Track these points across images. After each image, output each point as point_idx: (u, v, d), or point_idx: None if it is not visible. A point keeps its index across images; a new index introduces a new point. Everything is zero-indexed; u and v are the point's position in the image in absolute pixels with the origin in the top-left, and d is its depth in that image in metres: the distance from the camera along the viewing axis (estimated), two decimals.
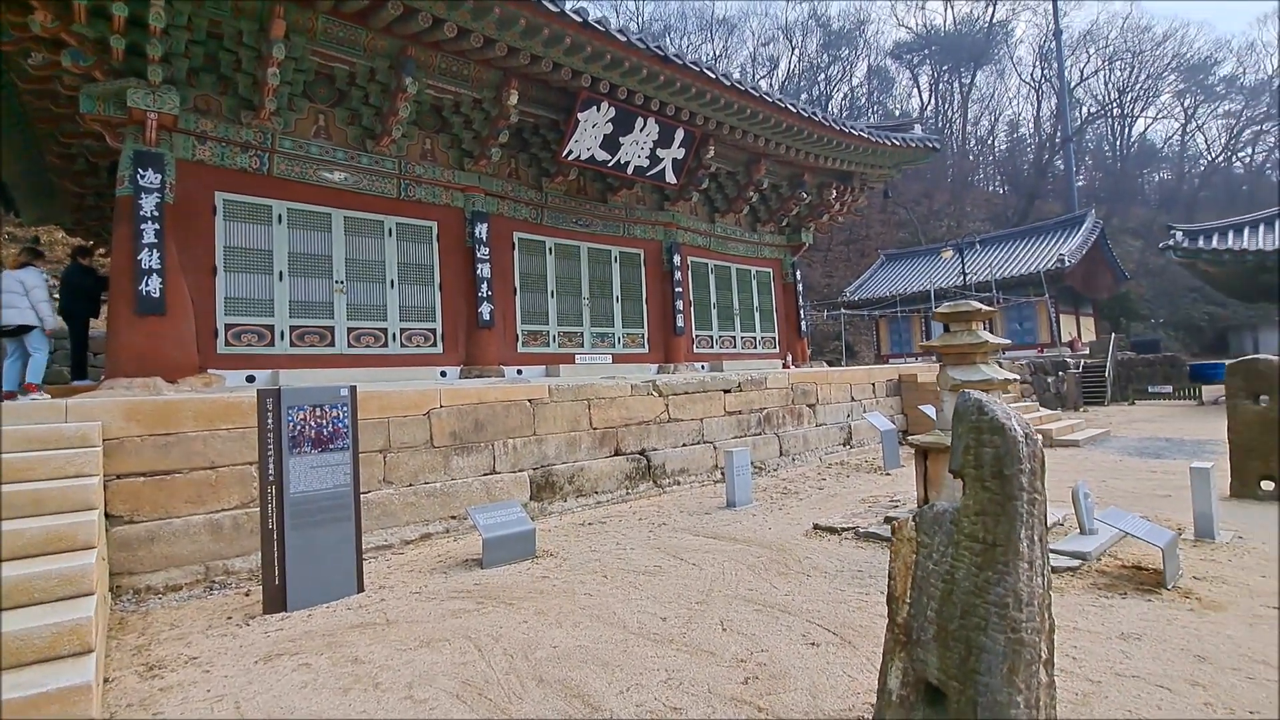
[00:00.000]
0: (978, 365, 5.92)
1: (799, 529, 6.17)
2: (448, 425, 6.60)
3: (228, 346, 7.52)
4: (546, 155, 10.14)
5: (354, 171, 8.60)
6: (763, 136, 11.29)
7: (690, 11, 50.65)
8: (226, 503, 5.31)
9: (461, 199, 9.55)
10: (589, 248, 11.11)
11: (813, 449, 10.45)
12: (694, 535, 6.09)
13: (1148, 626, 3.66)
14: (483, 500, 6.61)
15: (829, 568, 4.97)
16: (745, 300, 13.79)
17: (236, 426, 5.41)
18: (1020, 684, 2.32)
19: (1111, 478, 8.28)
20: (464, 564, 5.37)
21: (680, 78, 9.24)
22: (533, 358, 10.13)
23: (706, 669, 3.28)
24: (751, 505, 7.26)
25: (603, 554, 5.56)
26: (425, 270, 9.17)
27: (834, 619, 3.91)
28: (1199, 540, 5.30)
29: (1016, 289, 23.58)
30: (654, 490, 8.17)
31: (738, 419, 9.49)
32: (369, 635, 3.88)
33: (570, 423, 7.60)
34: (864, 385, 11.95)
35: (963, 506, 2.56)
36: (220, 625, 4.17)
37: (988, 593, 2.44)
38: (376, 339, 8.65)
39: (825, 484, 8.46)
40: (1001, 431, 2.49)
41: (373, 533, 5.89)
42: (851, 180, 14.05)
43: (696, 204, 12.89)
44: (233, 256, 7.63)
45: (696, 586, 4.61)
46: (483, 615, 4.14)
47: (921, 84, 50.13)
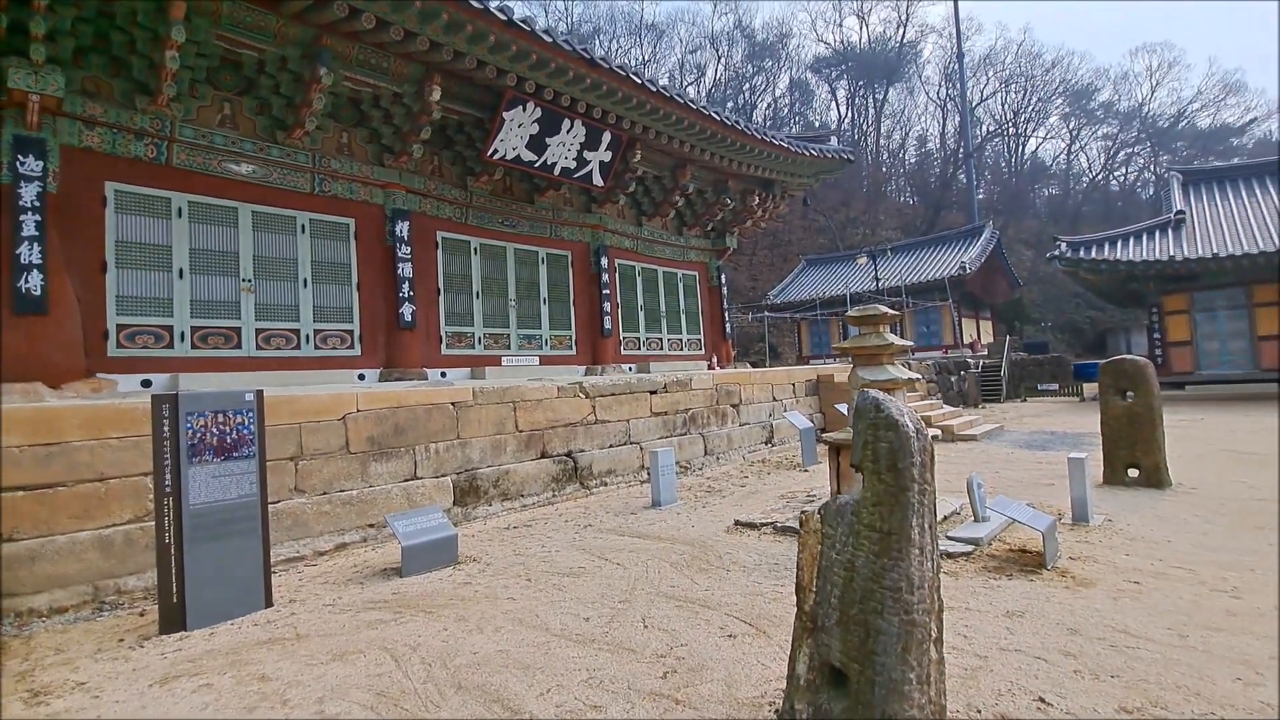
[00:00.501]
0: (884, 366, 6.29)
1: (721, 526, 6.35)
2: (365, 430, 6.39)
3: (120, 349, 6.99)
4: (471, 154, 9.97)
5: (263, 164, 8.18)
6: (689, 142, 11.53)
7: (620, 15, 51.00)
8: (118, 517, 4.93)
9: (381, 196, 9.25)
10: (515, 248, 11.00)
11: (736, 448, 10.75)
12: (619, 535, 6.16)
13: (1029, 604, 4.01)
14: (404, 507, 6.43)
15: (748, 562, 5.15)
16: (672, 303, 14.02)
17: (129, 435, 5.04)
18: (913, 662, 2.51)
19: (1004, 469, 8.97)
20: (382, 573, 5.22)
21: (607, 81, 9.31)
22: (457, 360, 9.93)
23: (627, 666, 3.35)
24: (676, 504, 7.41)
25: (527, 557, 5.53)
26: (342, 269, 8.83)
27: (750, 611, 4.06)
28: (1075, 524, 5.84)
29: (924, 294, 25.08)
30: (581, 492, 8.19)
31: (664, 419, 9.64)
32: (277, 651, 3.72)
33: (495, 425, 7.51)
34: (785, 385, 12.40)
35: (862, 498, 2.74)
36: (111, 648, 3.88)
37: (884, 578, 2.62)
38: (288, 341, 8.25)
39: (747, 481, 8.73)
40: (895, 427, 2.69)
41: (283, 544, 5.63)
42: (773, 188, 14.55)
43: (624, 207, 13.00)
44: (126, 252, 7.10)
45: (620, 586, 4.68)
46: (400, 625, 4.05)
47: (839, 98, 52.51)
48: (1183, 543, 5.19)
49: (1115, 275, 19.77)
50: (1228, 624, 3.60)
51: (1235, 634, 3.46)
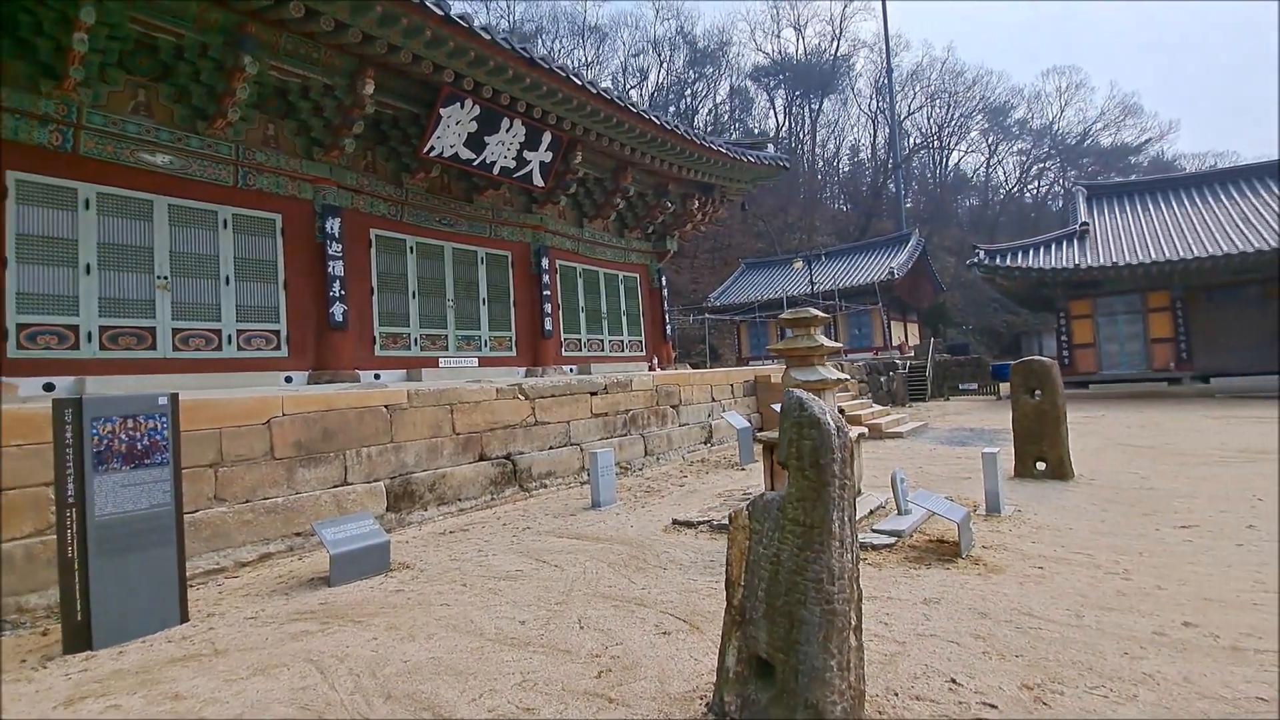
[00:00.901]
0: (815, 367, 6.52)
1: (659, 525, 6.44)
2: (292, 435, 6.14)
3: (21, 350, 6.49)
4: (407, 150, 9.73)
5: (182, 155, 7.75)
6: (630, 145, 11.61)
7: (563, 15, 50.59)
8: (17, 531, 4.57)
9: (310, 191, 8.91)
10: (454, 248, 10.80)
11: (676, 448, 10.89)
12: (558, 537, 6.15)
13: (945, 591, 4.26)
14: (332, 514, 6.22)
15: (684, 560, 5.24)
16: (613, 304, 14.07)
17: (30, 443, 4.68)
18: (834, 649, 2.63)
19: (927, 464, 9.44)
20: (309, 583, 5.03)
21: (547, 81, 9.28)
22: (392, 361, 9.67)
23: (562, 667, 3.36)
24: (615, 505, 7.45)
25: (463, 562, 5.46)
26: (268, 266, 8.46)
27: (685, 608, 4.15)
28: (989, 515, 6.22)
29: (856, 297, 26.07)
30: (520, 494, 8.12)
31: (604, 420, 9.67)
32: (193, 668, 3.55)
33: (432, 428, 7.36)
34: (724, 386, 12.64)
35: (787, 494, 2.85)
36: (12, 670, 3.60)
37: (807, 570, 2.73)
38: (209, 341, 7.85)
39: (686, 481, 8.87)
40: (818, 425, 2.81)
41: (202, 556, 5.35)
42: (713, 192, 14.82)
43: (565, 208, 12.97)
44: (28, 246, 6.60)
45: (557, 588, 4.68)
46: (327, 635, 3.93)
47: (777, 106, 53.87)
48: (1083, 530, 5.61)
49: (1027, 282, 21.10)
50: (1118, 604, 3.92)
51: (1124, 613, 3.78)
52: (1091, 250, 20.60)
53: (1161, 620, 3.65)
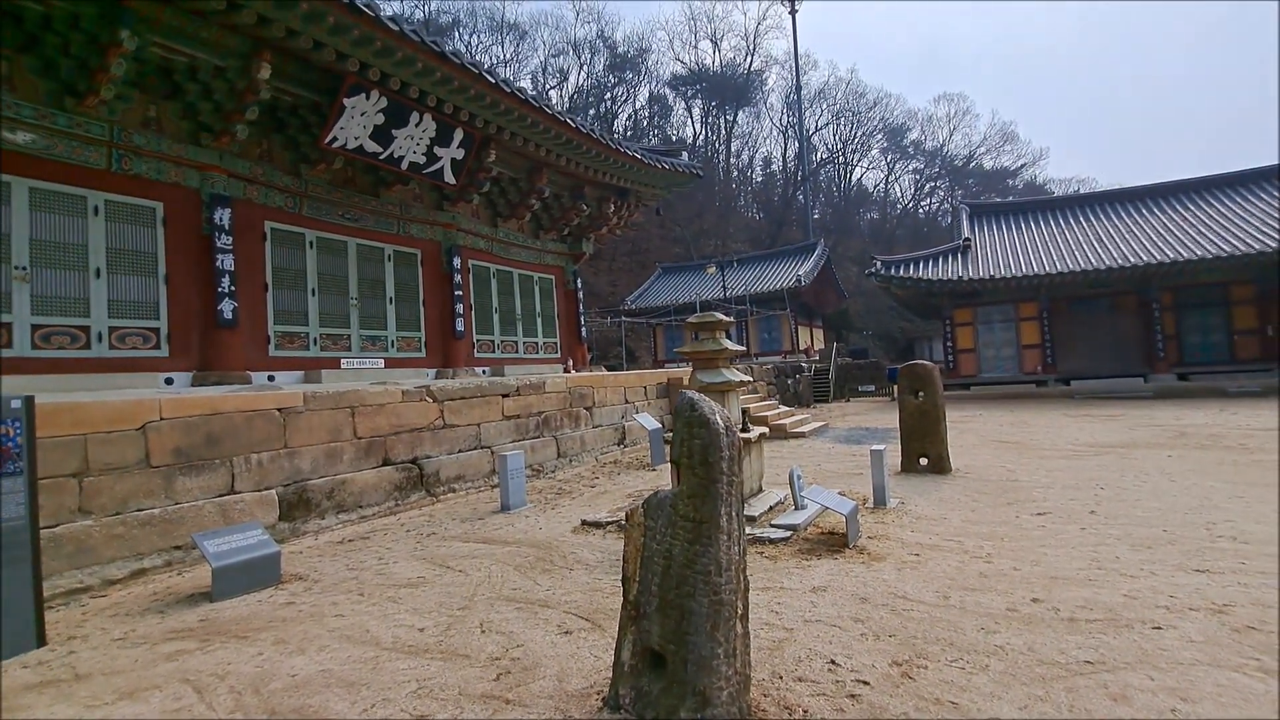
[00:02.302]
0: (720, 369, 6.77)
1: (568, 526, 6.47)
2: (171, 441, 5.72)
3: None
4: (307, 140, 9.27)
5: (47, 134, 7.06)
6: (545, 146, 11.57)
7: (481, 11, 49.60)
8: None
9: (197, 178, 8.32)
10: (359, 244, 10.37)
11: (589, 450, 10.95)
12: (464, 542, 6.06)
13: (831, 580, 4.55)
14: (217, 525, 5.83)
15: (591, 560, 5.31)
16: (528, 305, 13.95)
17: None
18: (720, 638, 2.78)
19: (825, 461, 9.99)
20: (189, 599, 4.71)
21: (459, 77, 9.11)
22: (289, 362, 9.17)
23: (460, 672, 3.35)
24: (526, 507, 7.42)
25: (362, 571, 5.27)
26: (146, 259, 7.82)
27: (589, 607, 4.21)
28: (875, 508, 6.67)
29: (767, 303, 27.10)
30: (427, 500, 7.92)
31: (516, 423, 9.59)
32: (50, 695, 3.26)
33: (330, 433, 7.05)
34: (637, 388, 12.82)
35: (680, 491, 2.98)
36: None
37: (696, 563, 2.87)
38: (74, 339, 7.16)
39: (598, 482, 8.94)
40: (707, 425, 2.96)
41: (64, 574, 4.88)
42: (629, 196, 15.00)
43: (479, 207, 12.74)
44: None
45: (460, 593, 4.62)
46: (207, 654, 3.71)
47: (695, 115, 55.11)
48: (955, 519, 6.14)
49: (917, 291, 22.72)
50: (980, 584, 4.34)
51: (984, 592, 4.18)
52: (973, 263, 22.44)
53: (1014, 598, 4.07)
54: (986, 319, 22.84)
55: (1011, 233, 24.63)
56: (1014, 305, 22.30)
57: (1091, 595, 4.06)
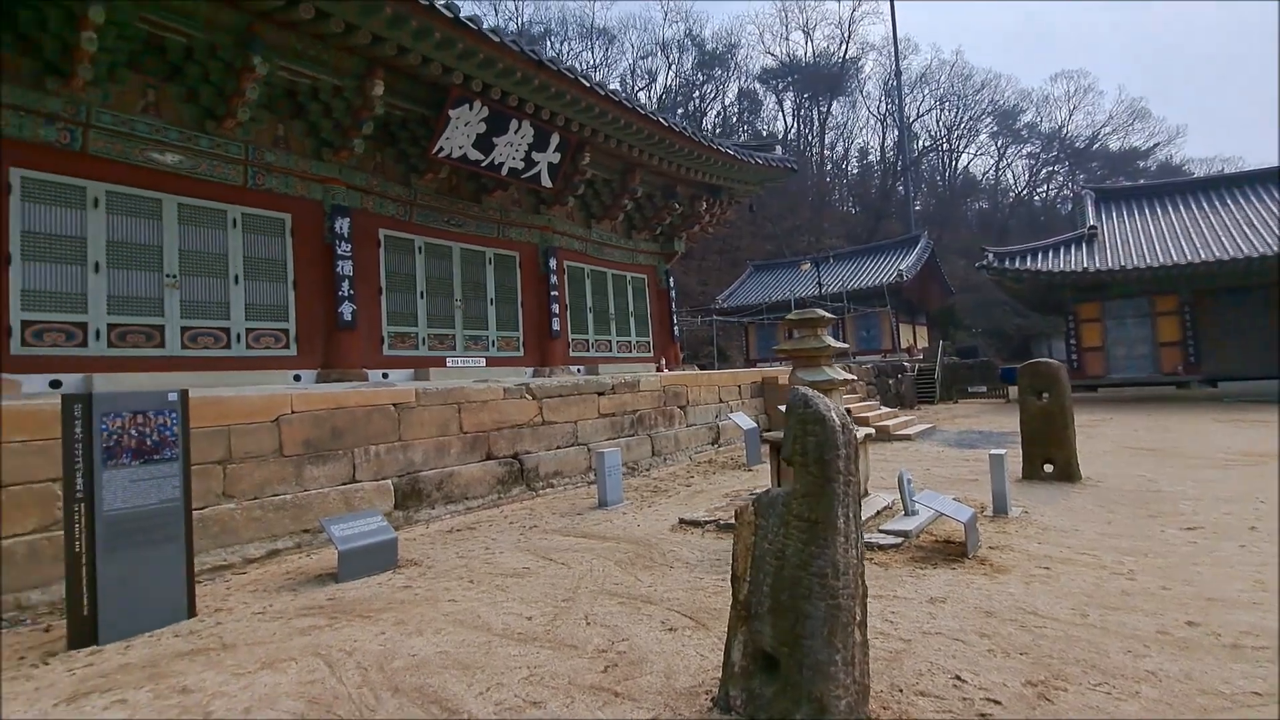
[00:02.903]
0: (822, 367, 6.51)
1: (666, 525, 6.44)
2: (301, 433, 6.18)
3: (26, 347, 6.55)
4: (416, 151, 9.79)
5: (191, 154, 7.82)
6: (637, 147, 11.63)
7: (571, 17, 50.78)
8: (21, 527, 4.62)
9: (320, 191, 8.98)
10: (462, 248, 10.84)
11: (683, 448, 10.89)
12: (565, 536, 6.16)
13: (950, 590, 4.24)
14: (340, 511, 6.25)
15: (691, 559, 5.24)
16: (621, 305, 14.09)
17: (36, 439, 4.73)
18: (838, 644, 2.63)
19: (934, 466, 9.40)
20: (317, 579, 5.06)
21: (555, 83, 9.32)
22: (400, 361, 9.71)
23: (568, 662, 3.37)
24: (623, 504, 7.46)
25: (471, 559, 5.47)
26: (277, 266, 8.52)
27: (691, 605, 4.15)
28: (996, 516, 6.18)
29: (865, 299, 26.00)
30: (527, 494, 8.14)
31: (611, 421, 9.68)
32: (201, 662, 3.57)
33: (439, 428, 7.39)
34: (731, 387, 12.63)
35: (793, 490, 2.86)
36: (10, 668, 3.63)
37: (811, 565, 2.73)
38: (217, 340, 7.90)
39: (694, 481, 8.86)
40: (822, 422, 2.81)
41: (210, 552, 5.39)
42: (721, 194, 14.83)
43: (573, 209, 13.00)
44: (34, 243, 6.66)
45: (564, 585, 4.69)
46: (335, 630, 3.95)
47: (786, 108, 53.86)
48: (1089, 531, 5.57)
49: (1036, 284, 21.00)
50: (1122, 603, 3.90)
51: (1128, 612, 3.75)
52: (1100, 253, 20.49)
53: (1165, 620, 3.62)
54: (1116, 314, 20.77)
55: (1144, 219, 22.29)
56: (1149, 299, 20.14)
57: (1257, 621, 3.55)
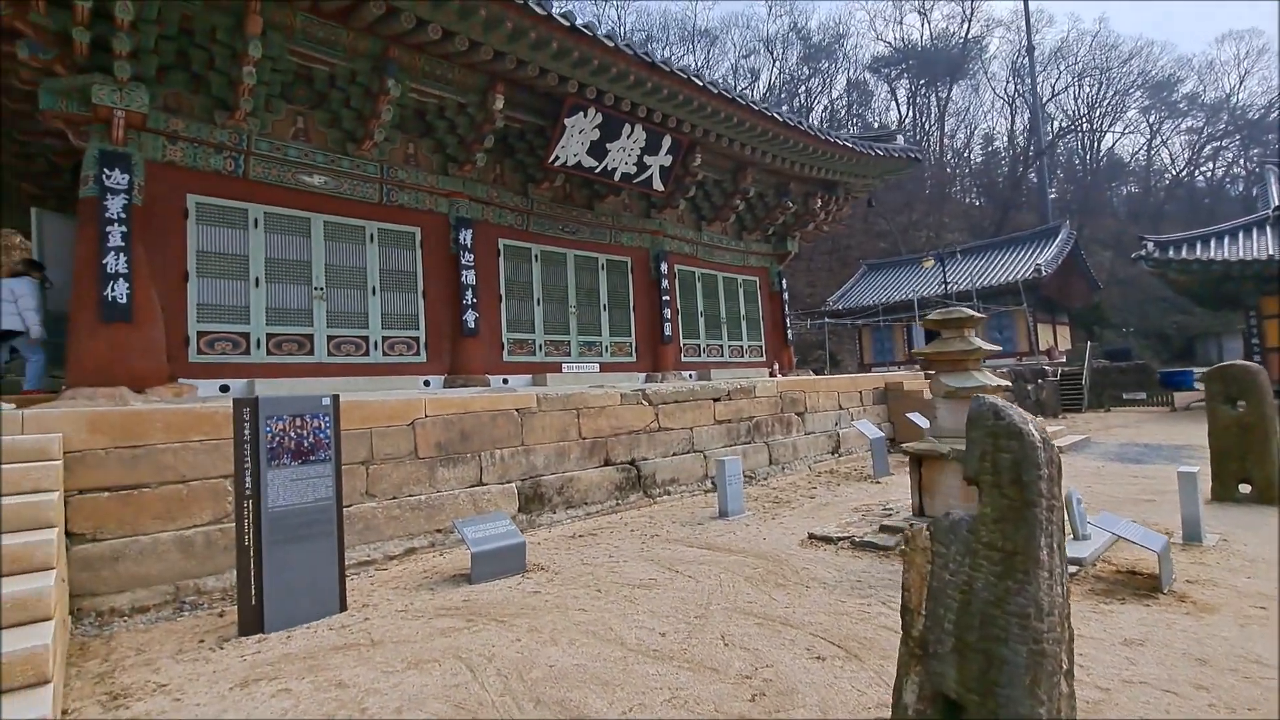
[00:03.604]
0: (970, 372, 5.90)
1: (794, 539, 6.08)
2: (433, 436, 6.41)
3: (200, 355, 7.25)
4: (532, 161, 10.02)
5: (334, 175, 8.40)
6: (749, 145, 11.30)
7: (672, 22, 51.12)
8: (198, 519, 5.06)
9: (446, 204, 9.39)
10: (576, 255, 10.99)
11: (801, 457, 10.39)
12: (688, 546, 5.96)
13: (1149, 631, 3.62)
14: (469, 513, 6.42)
15: (827, 578, 4.87)
16: (732, 309, 13.76)
17: (210, 438, 5.18)
18: (1043, 695, 2.24)
19: (1095, 483, 8.33)
20: (451, 579, 5.18)
21: (667, 84, 9.20)
22: (519, 366, 9.96)
23: (711, 686, 3.16)
24: (744, 515, 7.16)
25: (595, 567, 5.40)
26: (408, 277, 8.98)
27: (837, 631, 3.80)
28: (1187, 544, 5.31)
29: (996, 298, 23.92)
30: (644, 500, 8.03)
31: (727, 427, 9.40)
32: (353, 657, 3.69)
33: (559, 432, 7.44)
34: (851, 393, 11.95)
35: (980, 514, 2.48)
36: (191, 649, 3.94)
37: (1008, 603, 2.35)
38: (358, 347, 8.42)
39: (817, 493, 8.39)
40: (1019, 436, 2.42)
41: (355, 548, 5.67)
42: (836, 190, 14.13)
43: (683, 212, 12.85)
44: (206, 261, 7.38)
45: (694, 600, 4.48)
46: (473, 634, 3.97)
47: (899, 97, 50.99)
48: None
49: (1208, 276, 18.36)
50: None
51: None
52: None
53: None
54: None
55: None
56: None
57: None
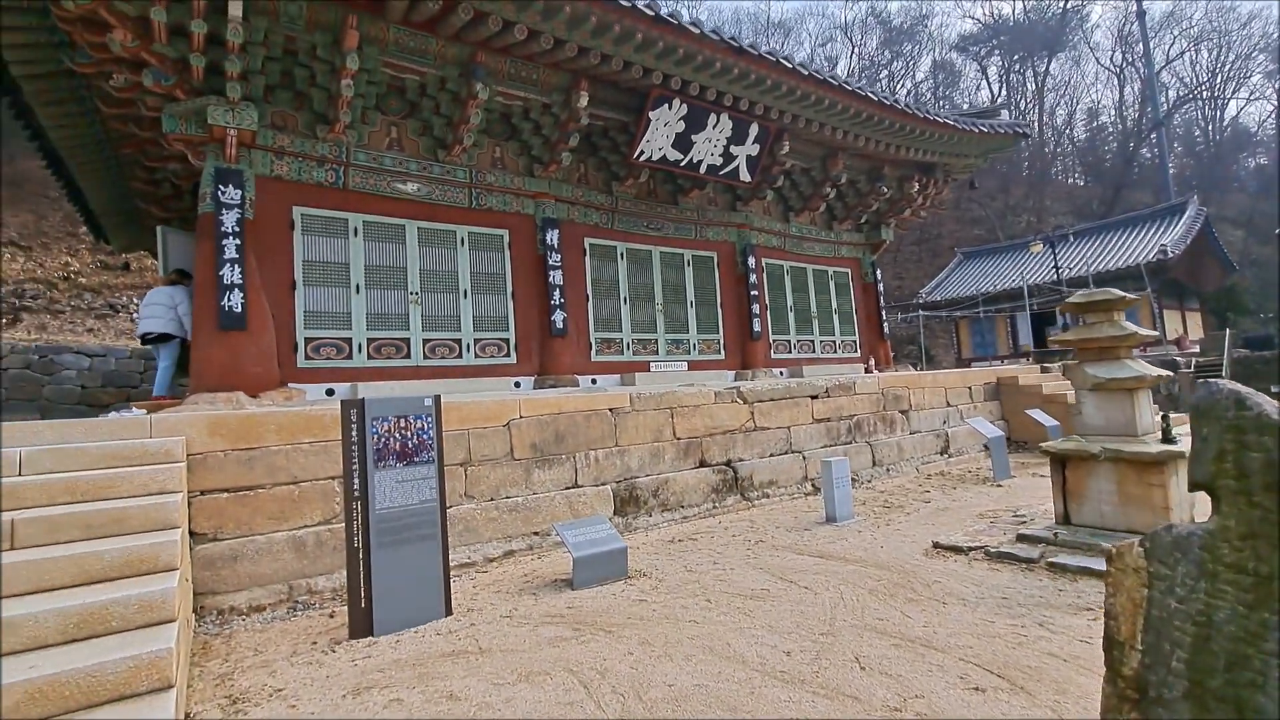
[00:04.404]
0: (1123, 360, 5.19)
1: (916, 548, 5.54)
2: (528, 437, 6.31)
3: (307, 360, 7.50)
4: (616, 158, 9.88)
5: (426, 182, 8.54)
6: (840, 129, 10.70)
7: (745, 17, 50.17)
8: (309, 519, 5.14)
9: (532, 206, 9.37)
10: (661, 252, 10.75)
11: (908, 458, 9.69)
12: (798, 554, 5.54)
13: None
14: (565, 515, 6.28)
15: (966, 594, 4.35)
16: (823, 302, 13.12)
17: (319, 440, 5.25)
18: None
19: None
20: (553, 584, 5.01)
21: (755, 69, 8.80)
22: (607, 366, 9.81)
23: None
24: (853, 520, 6.65)
25: (701, 574, 5.09)
26: (497, 279, 9.01)
27: (993, 658, 3.32)
28: None
29: (1113, 284, 21.81)
30: (742, 503, 7.65)
31: (826, 426, 8.86)
32: (462, 666, 3.55)
33: (653, 433, 7.19)
34: (959, 389, 11.07)
35: (1219, 529, 1.99)
36: (305, 651, 3.93)
37: (1265, 639, 1.86)
38: (451, 350, 8.51)
39: (931, 496, 7.73)
40: (1275, 432, 1.92)
41: (455, 550, 5.62)
42: (934, 172, 13.22)
43: (770, 203, 12.37)
44: (311, 270, 7.63)
45: (815, 614, 4.09)
46: (582, 644, 3.75)
47: (990, 75, 47.90)
48: None
49: None
50: None
51: None
52: None
53: None
54: None
55: None
56: None
57: None
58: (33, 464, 4.07)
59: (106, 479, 4.02)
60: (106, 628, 3.04)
